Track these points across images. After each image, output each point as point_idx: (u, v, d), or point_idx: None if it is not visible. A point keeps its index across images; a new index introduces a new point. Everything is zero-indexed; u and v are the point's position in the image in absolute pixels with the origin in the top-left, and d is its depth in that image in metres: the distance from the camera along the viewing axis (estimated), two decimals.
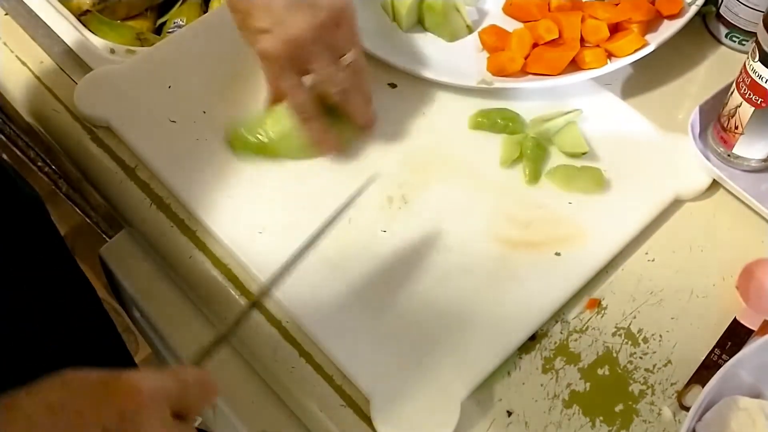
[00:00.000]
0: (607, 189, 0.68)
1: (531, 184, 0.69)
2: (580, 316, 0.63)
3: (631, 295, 0.64)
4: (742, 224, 0.68)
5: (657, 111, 0.74)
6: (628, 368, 0.60)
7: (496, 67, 0.74)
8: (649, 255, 0.66)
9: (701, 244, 0.67)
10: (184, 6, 0.95)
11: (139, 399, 0.40)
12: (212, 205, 0.66)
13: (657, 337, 0.62)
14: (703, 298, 0.64)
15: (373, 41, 0.75)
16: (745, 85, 0.65)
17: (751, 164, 0.69)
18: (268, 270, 0.63)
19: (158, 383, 0.42)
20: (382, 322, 0.61)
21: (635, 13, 0.75)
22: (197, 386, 0.45)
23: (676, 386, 0.59)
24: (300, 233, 0.64)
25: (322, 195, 0.67)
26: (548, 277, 0.63)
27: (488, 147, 0.71)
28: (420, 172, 0.69)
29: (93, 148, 0.72)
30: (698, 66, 0.79)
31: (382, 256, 0.64)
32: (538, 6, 0.78)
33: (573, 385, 0.59)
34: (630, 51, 0.73)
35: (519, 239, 0.65)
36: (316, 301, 0.62)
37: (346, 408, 0.58)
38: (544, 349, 0.61)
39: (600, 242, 0.65)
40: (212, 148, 0.69)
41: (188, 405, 0.44)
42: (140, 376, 0.41)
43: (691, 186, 0.69)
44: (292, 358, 0.60)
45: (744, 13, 0.77)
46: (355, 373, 0.59)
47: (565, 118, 0.71)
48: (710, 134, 0.71)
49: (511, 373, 0.60)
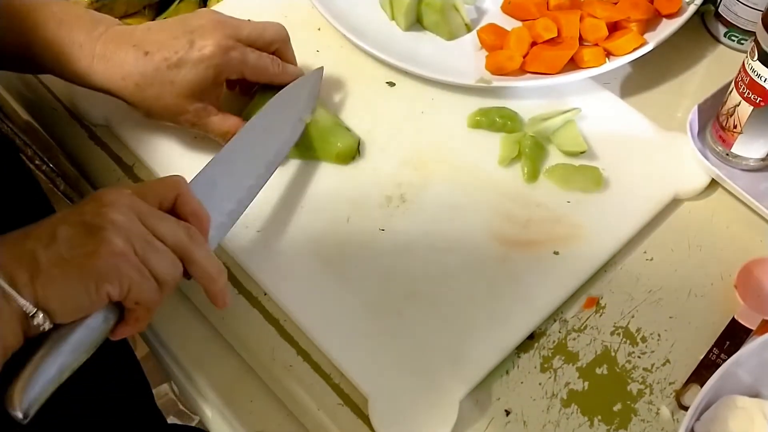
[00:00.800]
0: (606, 188, 0.68)
1: (529, 183, 0.68)
2: (579, 315, 0.63)
3: (629, 294, 0.64)
4: (741, 223, 0.68)
5: (655, 110, 0.74)
6: (626, 367, 0.60)
7: (495, 66, 0.74)
8: (648, 254, 0.66)
9: (700, 243, 0.66)
10: (182, 4, 0.94)
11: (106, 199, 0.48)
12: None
13: (655, 337, 0.62)
14: (702, 297, 0.64)
15: (371, 40, 0.75)
16: (744, 84, 0.65)
17: (750, 163, 0.69)
18: (262, 266, 0.63)
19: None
20: (380, 320, 0.61)
21: (634, 12, 0.75)
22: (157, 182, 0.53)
23: (674, 385, 0.59)
24: (297, 232, 0.65)
25: (323, 195, 0.67)
26: (546, 276, 0.63)
27: (487, 146, 0.71)
28: (418, 171, 0.69)
29: (91, 147, 0.71)
30: (697, 65, 0.79)
31: (380, 255, 0.64)
32: (537, 5, 0.78)
33: (571, 384, 0.59)
34: (629, 50, 0.73)
35: (517, 238, 0.65)
36: (314, 299, 0.62)
37: (343, 407, 0.58)
38: (543, 348, 0.61)
39: (598, 241, 0.65)
40: (210, 146, 0.69)
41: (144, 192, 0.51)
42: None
43: (690, 185, 0.69)
44: (289, 356, 0.60)
45: (743, 12, 0.77)
46: (353, 372, 0.58)
47: (563, 117, 0.71)
48: (709, 133, 0.71)
49: (509, 372, 0.60)
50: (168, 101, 0.63)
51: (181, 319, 0.65)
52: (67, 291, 0.45)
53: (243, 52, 0.64)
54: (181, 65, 0.62)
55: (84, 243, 0.46)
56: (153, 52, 0.61)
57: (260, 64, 0.65)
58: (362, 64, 0.76)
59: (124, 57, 0.61)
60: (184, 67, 0.62)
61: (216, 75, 0.63)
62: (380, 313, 0.61)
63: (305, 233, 0.65)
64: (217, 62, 0.62)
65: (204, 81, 0.63)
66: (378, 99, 0.74)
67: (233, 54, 0.63)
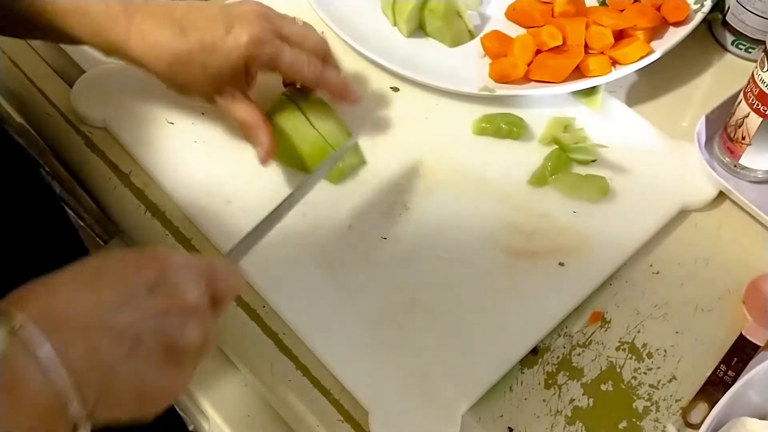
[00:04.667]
0: (612, 197, 0.67)
1: (536, 188, 0.67)
2: (584, 330, 0.61)
3: (635, 308, 0.63)
4: (749, 236, 0.67)
5: (662, 119, 0.73)
6: (632, 384, 0.59)
7: (499, 74, 0.73)
8: (654, 267, 0.65)
9: (707, 257, 0.65)
10: None
11: (173, 263, 0.44)
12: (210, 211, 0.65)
13: (661, 352, 0.60)
14: (709, 312, 0.62)
15: (373, 46, 0.74)
16: (753, 95, 0.64)
17: (758, 175, 0.68)
18: (261, 274, 0.62)
19: (190, 259, 0.46)
20: (381, 332, 0.60)
21: (640, 20, 0.74)
22: (226, 271, 0.47)
23: (680, 403, 0.58)
24: (297, 240, 0.64)
25: (324, 202, 0.66)
26: (551, 289, 0.62)
27: (492, 153, 0.70)
28: (422, 179, 0.68)
29: (86, 153, 0.70)
30: (704, 73, 0.78)
31: (382, 265, 0.63)
32: (542, 12, 0.77)
33: (576, 401, 0.58)
34: (635, 58, 0.72)
35: (522, 248, 0.64)
36: (314, 310, 0.60)
37: (343, 423, 0.57)
38: (547, 363, 0.60)
39: (604, 252, 0.64)
40: (211, 150, 0.68)
41: (217, 287, 0.46)
42: (171, 252, 0.45)
43: (697, 196, 0.68)
44: (288, 370, 0.59)
45: (751, 21, 0.76)
46: (354, 385, 0.57)
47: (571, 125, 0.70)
48: (716, 144, 0.70)
49: (512, 388, 0.59)
50: (198, 83, 0.62)
51: None
52: (120, 415, 0.42)
53: (278, 49, 0.62)
54: (215, 50, 0.61)
55: (161, 375, 0.42)
56: (189, 32, 0.60)
57: (296, 66, 0.64)
58: (366, 69, 0.75)
59: (161, 33, 0.60)
60: (217, 53, 0.61)
61: (247, 66, 0.62)
62: (381, 324, 0.60)
63: (305, 241, 0.64)
64: (249, 53, 0.61)
65: (235, 70, 0.62)
66: (382, 104, 0.73)
67: (267, 49, 0.62)
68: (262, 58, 0.62)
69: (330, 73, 0.66)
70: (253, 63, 0.62)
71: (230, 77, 0.62)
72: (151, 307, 0.42)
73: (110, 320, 0.40)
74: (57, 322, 0.39)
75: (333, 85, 0.66)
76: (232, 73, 0.62)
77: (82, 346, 0.39)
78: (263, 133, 0.64)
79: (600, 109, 0.73)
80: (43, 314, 0.38)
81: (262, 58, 0.62)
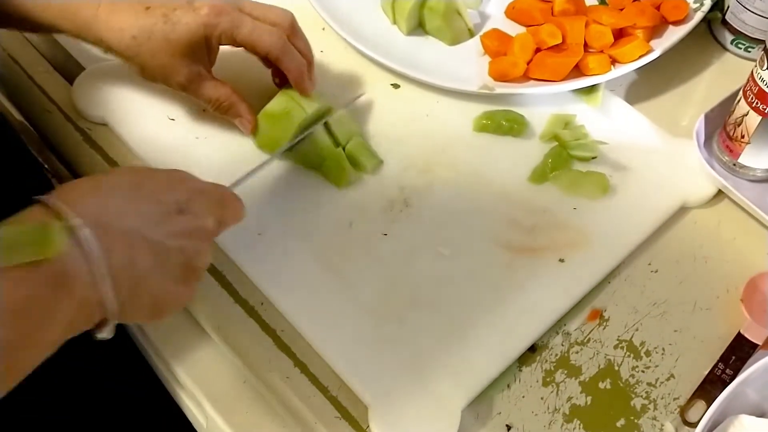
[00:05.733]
0: (612, 194, 0.67)
1: (536, 185, 0.67)
2: (582, 328, 0.61)
3: (633, 306, 0.63)
4: (748, 235, 0.67)
5: (661, 117, 0.73)
6: (630, 382, 0.59)
7: (498, 72, 0.73)
8: (653, 265, 0.65)
9: (705, 255, 0.65)
10: None
11: (198, 188, 0.51)
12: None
13: (660, 350, 0.60)
14: (707, 311, 0.62)
15: (373, 44, 0.74)
16: (753, 94, 0.64)
17: (757, 174, 0.68)
18: (261, 270, 0.62)
19: (207, 185, 0.53)
20: (382, 327, 0.60)
21: (640, 19, 0.74)
22: (233, 200, 0.55)
23: (678, 401, 0.58)
24: (298, 235, 0.64)
25: (325, 198, 0.66)
26: (551, 284, 0.62)
27: (492, 150, 0.70)
28: (423, 175, 0.68)
29: (86, 150, 0.70)
30: (703, 72, 0.78)
31: (382, 261, 0.63)
32: (542, 10, 0.77)
33: (574, 398, 0.58)
34: (634, 57, 0.72)
35: (522, 244, 0.64)
36: (314, 306, 0.60)
37: (341, 420, 0.57)
38: (545, 361, 0.60)
39: (604, 249, 0.64)
40: (212, 146, 0.68)
41: (224, 214, 0.53)
42: (194, 177, 0.52)
43: (696, 194, 0.68)
44: (286, 367, 0.59)
45: (750, 20, 0.76)
46: (354, 381, 0.57)
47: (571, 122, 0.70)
48: (716, 142, 0.70)
49: (510, 386, 0.59)
50: (163, 59, 0.63)
51: (177, 329, 0.64)
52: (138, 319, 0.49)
53: (238, 19, 0.63)
54: (177, 22, 0.62)
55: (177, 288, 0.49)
56: (154, 7, 0.62)
57: (255, 34, 0.64)
58: (367, 66, 0.75)
59: (127, 9, 0.62)
60: (178, 24, 0.62)
61: (207, 37, 0.63)
62: (381, 319, 0.60)
63: (306, 237, 0.64)
64: (208, 21, 0.62)
65: (197, 42, 0.63)
66: (382, 101, 0.73)
67: (226, 17, 0.63)
68: (222, 26, 0.63)
69: (295, 42, 0.67)
70: (213, 33, 0.63)
71: (193, 51, 0.63)
72: (180, 227, 0.48)
73: (148, 233, 0.46)
74: (105, 228, 0.43)
75: (295, 59, 0.66)
76: (194, 47, 0.63)
77: (122, 252, 0.44)
78: (240, 105, 0.66)
79: (600, 107, 0.73)
80: (93, 219, 0.43)
81: (222, 26, 0.63)
